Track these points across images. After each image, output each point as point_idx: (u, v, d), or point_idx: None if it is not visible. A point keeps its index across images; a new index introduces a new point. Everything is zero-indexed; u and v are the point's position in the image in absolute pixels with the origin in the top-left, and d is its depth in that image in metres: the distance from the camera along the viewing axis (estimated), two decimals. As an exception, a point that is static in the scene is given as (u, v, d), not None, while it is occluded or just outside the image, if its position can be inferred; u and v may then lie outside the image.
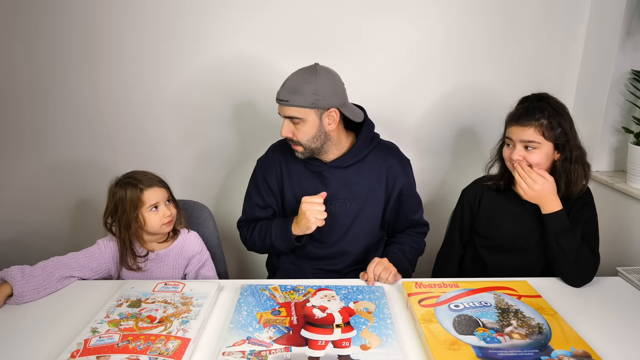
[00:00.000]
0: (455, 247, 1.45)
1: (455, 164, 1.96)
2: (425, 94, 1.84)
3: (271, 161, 1.40)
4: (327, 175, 1.34)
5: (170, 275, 1.32)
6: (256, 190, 1.42)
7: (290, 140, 1.28)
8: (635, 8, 1.60)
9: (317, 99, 1.21)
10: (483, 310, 1.02)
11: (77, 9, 1.67)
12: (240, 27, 1.72)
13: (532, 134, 1.21)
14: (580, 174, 1.23)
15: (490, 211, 1.37)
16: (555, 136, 1.21)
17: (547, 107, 1.21)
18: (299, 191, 1.35)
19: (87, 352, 0.88)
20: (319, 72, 1.23)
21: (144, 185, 1.25)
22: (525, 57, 1.81)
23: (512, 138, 1.25)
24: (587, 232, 1.24)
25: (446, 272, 1.45)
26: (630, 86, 1.67)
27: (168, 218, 1.28)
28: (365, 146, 1.34)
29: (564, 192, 1.24)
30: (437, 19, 1.75)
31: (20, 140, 1.83)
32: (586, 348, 0.89)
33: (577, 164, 1.23)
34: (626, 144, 1.69)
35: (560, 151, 1.23)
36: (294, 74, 1.25)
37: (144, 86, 1.78)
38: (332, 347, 0.90)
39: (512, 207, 1.32)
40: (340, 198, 1.34)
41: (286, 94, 1.22)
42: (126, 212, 1.24)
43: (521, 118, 1.22)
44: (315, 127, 1.24)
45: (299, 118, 1.23)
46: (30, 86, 1.76)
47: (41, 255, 1.23)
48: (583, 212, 1.26)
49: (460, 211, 1.44)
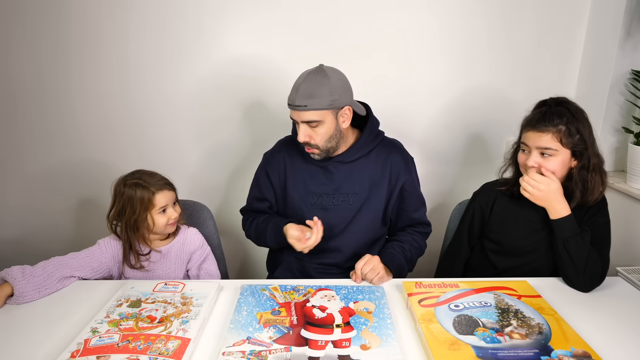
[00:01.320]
0: (463, 249, 1.42)
1: (459, 166, 1.95)
2: (430, 96, 1.84)
3: (276, 157, 1.43)
4: (332, 170, 1.35)
5: (173, 271, 1.33)
6: (256, 183, 1.47)
7: (308, 144, 1.28)
8: (635, 9, 1.60)
9: (334, 100, 1.22)
10: (483, 310, 1.02)
11: (80, 9, 1.67)
12: (244, 29, 1.72)
13: (549, 141, 1.16)
14: (597, 182, 1.19)
15: (502, 217, 1.33)
16: (573, 143, 1.16)
17: (566, 113, 1.16)
18: (301, 184, 1.38)
19: (87, 352, 0.88)
20: (328, 72, 1.24)
21: (155, 189, 1.26)
22: (525, 57, 1.81)
23: (528, 144, 1.20)
24: (599, 238, 1.21)
25: (451, 274, 1.43)
26: (630, 86, 1.68)
27: (174, 219, 1.29)
28: (369, 141, 1.36)
29: (579, 201, 1.19)
30: (438, 20, 1.75)
31: (23, 141, 1.83)
32: (586, 348, 0.89)
33: (594, 173, 1.18)
34: (626, 144, 1.69)
35: (578, 158, 1.19)
36: (304, 78, 1.23)
37: (147, 87, 1.78)
38: (332, 347, 0.90)
39: (525, 213, 1.28)
40: (343, 192, 1.35)
41: (302, 99, 1.21)
42: (135, 213, 1.24)
43: (538, 123, 1.17)
44: (333, 127, 1.26)
45: (318, 121, 1.23)
46: (34, 87, 1.76)
47: (43, 255, 1.23)
48: (596, 217, 1.22)
49: (471, 214, 1.40)
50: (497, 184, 1.37)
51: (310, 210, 1.36)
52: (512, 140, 1.33)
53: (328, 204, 1.36)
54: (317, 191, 1.36)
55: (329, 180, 1.36)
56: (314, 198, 1.36)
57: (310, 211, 1.36)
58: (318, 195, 1.36)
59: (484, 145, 1.92)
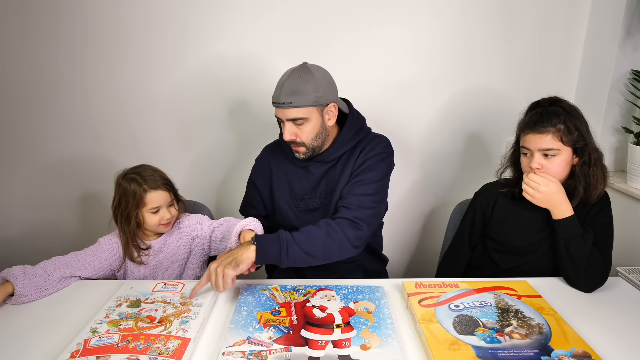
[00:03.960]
0: (464, 249, 1.41)
1: (459, 167, 1.95)
2: (429, 96, 1.84)
3: (261, 164, 1.44)
4: (312, 170, 1.35)
5: (177, 256, 1.33)
6: (247, 188, 1.49)
7: (294, 142, 1.27)
8: (635, 8, 1.60)
9: (319, 96, 1.22)
10: (483, 310, 1.02)
11: (79, 9, 1.67)
12: (236, 29, 1.72)
13: (550, 141, 1.17)
14: (599, 177, 1.20)
15: (504, 217, 1.33)
16: (573, 140, 1.17)
17: (562, 112, 1.17)
18: (286, 187, 1.37)
19: (86, 352, 0.88)
20: (312, 69, 1.23)
21: (148, 187, 1.25)
22: (525, 57, 1.81)
23: (529, 147, 1.20)
24: (602, 238, 1.21)
25: (452, 274, 1.43)
26: (630, 86, 1.68)
27: (167, 220, 1.28)
28: (349, 139, 1.32)
29: (582, 196, 1.20)
30: (436, 20, 1.74)
31: (25, 140, 1.83)
32: (586, 348, 0.89)
33: (595, 167, 1.19)
34: (626, 144, 1.69)
35: (579, 155, 1.20)
36: (288, 76, 1.22)
37: (143, 86, 1.78)
38: (332, 347, 0.90)
39: (526, 213, 1.28)
40: (325, 191, 1.34)
41: (287, 96, 1.20)
42: (128, 207, 1.25)
43: (537, 125, 1.18)
44: (318, 125, 1.25)
45: (303, 118, 1.23)
46: (34, 87, 1.76)
47: (44, 253, 1.23)
48: (599, 217, 1.22)
49: (472, 214, 1.40)
50: (498, 185, 1.37)
51: (297, 214, 1.36)
52: (512, 141, 1.33)
53: (311, 205, 1.35)
54: (299, 193, 1.36)
55: (308, 181, 1.35)
56: (298, 200, 1.36)
57: (297, 215, 1.36)
58: (301, 197, 1.35)
59: (483, 145, 1.92)
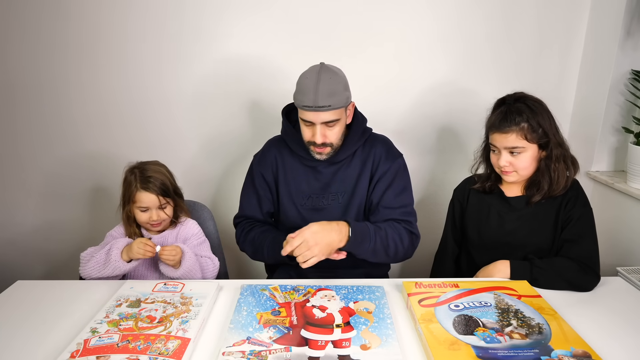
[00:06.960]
0: (449, 245, 1.45)
1: (461, 167, 1.94)
2: (429, 96, 1.84)
3: (267, 157, 1.41)
4: (321, 170, 1.35)
5: None
6: (252, 185, 1.42)
7: (323, 144, 1.26)
8: (635, 8, 1.60)
9: (348, 96, 1.24)
10: (483, 310, 1.02)
11: (78, 8, 1.68)
12: (240, 28, 1.72)
13: (514, 140, 1.20)
14: (562, 171, 1.23)
15: (476, 210, 1.38)
16: (538, 137, 1.21)
17: (525, 109, 1.20)
18: (292, 186, 1.37)
19: (86, 352, 0.88)
20: (334, 69, 1.24)
21: (139, 186, 1.27)
22: (525, 57, 1.81)
23: (497, 145, 1.25)
24: (579, 231, 1.22)
25: (443, 271, 1.45)
26: (630, 86, 1.67)
27: (154, 222, 1.30)
28: (357, 139, 1.34)
29: (546, 191, 1.24)
30: (436, 19, 1.74)
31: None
32: (586, 348, 0.89)
33: (558, 163, 1.23)
34: (626, 144, 1.69)
35: (545, 149, 1.24)
36: (316, 79, 1.18)
37: (146, 85, 1.78)
38: (332, 347, 0.90)
39: (497, 205, 1.33)
40: (333, 192, 1.35)
41: (325, 99, 1.18)
42: (124, 198, 1.31)
43: (501, 124, 1.21)
44: (344, 125, 1.27)
45: (337, 120, 1.23)
46: (33, 86, 1.76)
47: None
48: (573, 211, 1.24)
49: (452, 210, 1.46)
50: (471, 181, 1.41)
51: (301, 212, 1.36)
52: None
53: (319, 204, 1.35)
54: (307, 191, 1.36)
55: (317, 180, 1.35)
56: (304, 198, 1.36)
57: (303, 213, 1.35)
58: (308, 195, 1.35)
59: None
